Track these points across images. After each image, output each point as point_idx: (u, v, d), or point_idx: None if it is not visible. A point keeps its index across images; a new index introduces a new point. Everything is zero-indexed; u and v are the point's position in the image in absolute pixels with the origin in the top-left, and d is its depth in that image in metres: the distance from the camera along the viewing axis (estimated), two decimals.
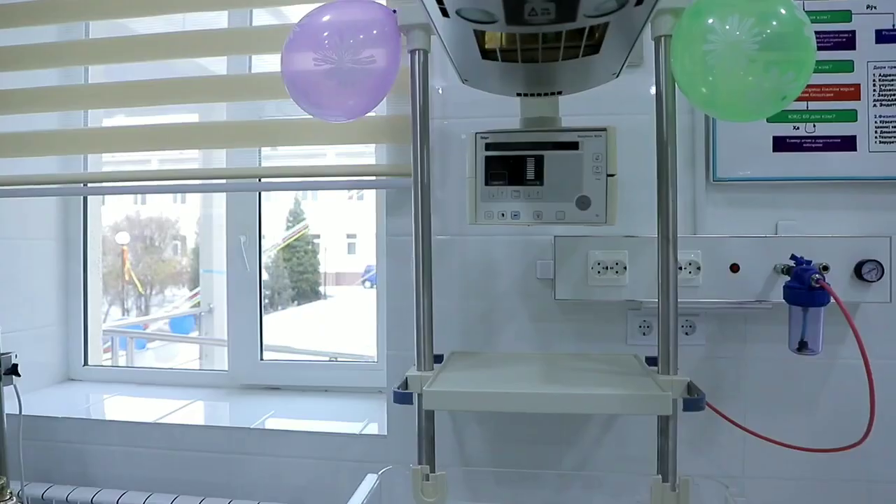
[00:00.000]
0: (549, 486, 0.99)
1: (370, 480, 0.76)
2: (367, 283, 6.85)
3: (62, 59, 1.33)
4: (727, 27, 0.70)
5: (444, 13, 0.54)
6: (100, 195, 1.52)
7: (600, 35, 0.60)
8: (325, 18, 0.84)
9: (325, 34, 0.83)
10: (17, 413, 1.06)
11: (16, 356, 1.02)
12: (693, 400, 0.75)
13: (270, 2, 1.22)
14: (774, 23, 0.70)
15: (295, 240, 5.98)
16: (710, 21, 0.71)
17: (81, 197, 1.48)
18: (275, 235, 4.74)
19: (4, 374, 1.00)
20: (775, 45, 0.69)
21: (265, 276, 3.14)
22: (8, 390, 1.03)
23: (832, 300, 0.85)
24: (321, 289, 6.81)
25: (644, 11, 0.57)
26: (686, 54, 0.73)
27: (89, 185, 1.35)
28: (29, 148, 1.29)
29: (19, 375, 1.02)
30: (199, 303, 3.90)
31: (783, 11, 0.70)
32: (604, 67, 0.72)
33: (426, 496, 0.76)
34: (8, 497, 0.98)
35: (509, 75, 0.72)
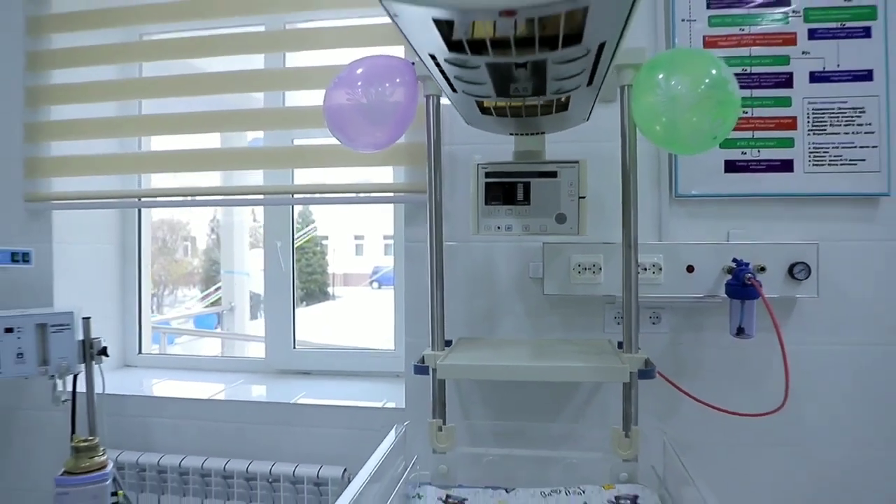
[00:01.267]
0: (538, 440, 1.24)
1: (396, 431, 1.02)
2: (375, 284, 7.12)
3: (121, 93, 1.61)
4: (672, 82, 0.95)
5: (453, 89, 0.80)
6: (152, 207, 1.79)
7: (567, 100, 0.85)
8: (359, 71, 1.09)
9: (359, 82, 1.08)
10: (100, 391, 1.33)
11: (104, 340, 1.29)
12: (645, 371, 1.01)
13: (304, 47, 1.48)
14: (707, 80, 0.94)
15: (304, 242, 6.24)
16: (660, 76, 0.96)
17: (136, 209, 1.75)
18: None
19: (97, 354, 1.27)
20: (707, 98, 0.94)
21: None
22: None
23: (760, 296, 1.10)
24: (329, 289, 7.07)
25: (595, 88, 0.82)
26: (642, 101, 0.98)
27: (143, 199, 1.63)
28: (93, 168, 1.56)
29: (108, 356, 1.29)
30: (213, 301, 4.18)
31: (714, 72, 0.95)
32: (575, 117, 0.97)
33: (440, 443, 1.02)
34: (102, 453, 1.24)
35: (502, 123, 0.98)
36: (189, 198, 1.60)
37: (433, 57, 0.65)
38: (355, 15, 1.46)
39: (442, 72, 0.71)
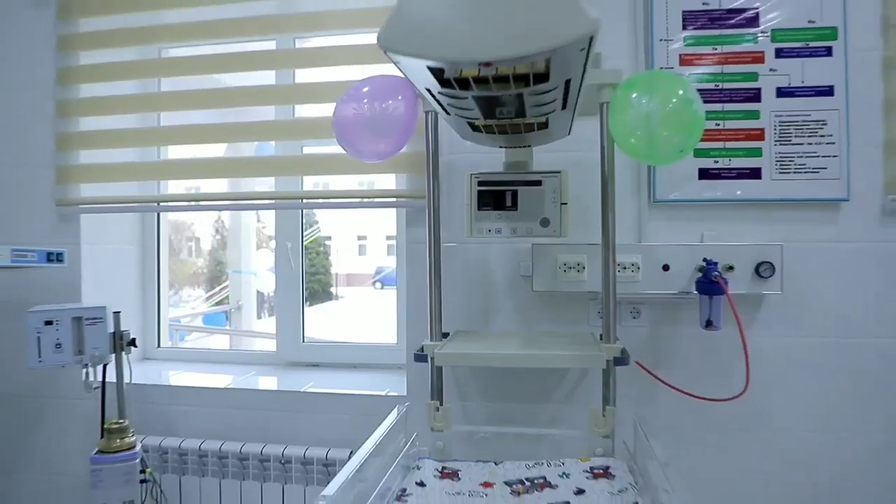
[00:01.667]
0: (527, 422, 1.37)
1: (397, 411, 1.16)
2: (378, 285, 7.26)
3: (142, 106, 1.76)
4: (643, 101, 1.09)
5: (447, 112, 0.94)
6: (171, 211, 1.93)
7: (546, 120, 0.99)
8: (365, 89, 1.23)
9: (365, 99, 1.23)
10: (127, 380, 1.47)
11: (131, 333, 1.43)
12: (620, 358, 1.15)
13: (311, 64, 1.62)
14: (674, 100, 1.08)
15: (308, 243, 6.39)
16: (634, 96, 1.10)
17: (155, 213, 1.90)
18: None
19: (126, 345, 1.42)
20: (673, 115, 1.08)
21: (272, 280, 3.56)
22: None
23: (728, 292, 1.23)
24: (333, 289, 7.21)
25: (570, 111, 0.96)
26: (618, 117, 1.12)
27: (161, 203, 1.77)
28: (117, 175, 1.70)
29: (136, 347, 1.44)
30: (219, 301, 4.32)
31: (680, 92, 1.09)
32: (556, 132, 1.11)
33: (437, 422, 1.16)
34: (131, 435, 1.39)
35: (492, 138, 1.12)
36: (204, 202, 1.75)
37: (429, 90, 0.79)
38: (360, 32, 1.60)
39: (436, 100, 0.85)
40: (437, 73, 0.70)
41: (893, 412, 1.37)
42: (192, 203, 1.76)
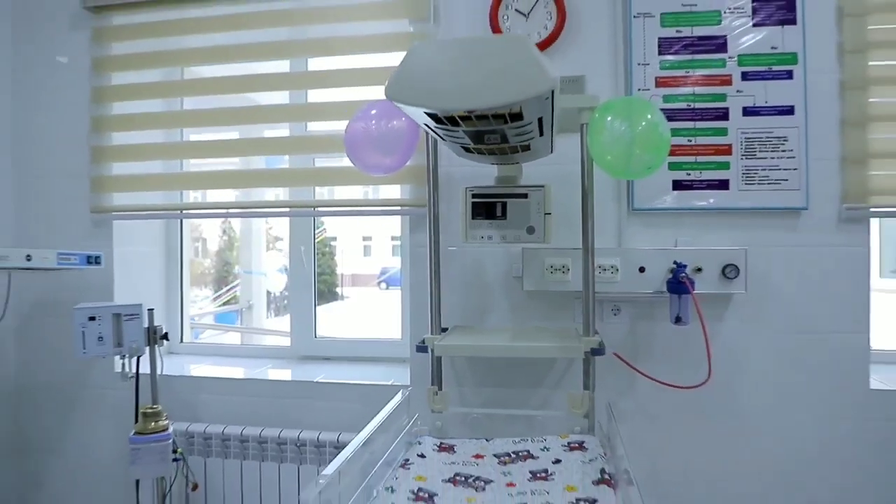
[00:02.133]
0: (518, 406, 1.56)
1: (401, 394, 1.35)
2: (383, 285, 7.45)
3: (167, 122, 1.96)
4: (616, 124, 1.27)
5: (443, 139, 1.13)
6: (192, 218, 2.13)
7: (528, 144, 1.18)
8: (373, 111, 1.43)
9: (373, 121, 1.42)
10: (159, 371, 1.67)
11: (164, 327, 1.63)
12: (597, 349, 1.34)
13: (322, 85, 1.82)
14: (643, 123, 1.26)
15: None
16: (609, 119, 1.29)
17: (179, 219, 2.10)
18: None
19: (159, 339, 1.62)
20: (642, 136, 1.26)
21: (281, 280, 3.81)
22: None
23: (697, 292, 1.42)
24: (338, 290, 7.39)
25: (547, 138, 1.14)
26: (595, 138, 1.31)
27: (184, 210, 1.97)
28: (145, 185, 1.90)
29: (168, 340, 1.64)
30: (226, 301, 4.53)
31: (649, 117, 1.27)
32: (539, 152, 1.30)
33: (435, 405, 1.35)
34: (164, 418, 1.59)
35: (484, 157, 1.31)
36: (224, 210, 1.95)
37: (426, 125, 0.98)
38: (365, 54, 1.78)
39: (433, 131, 1.04)
40: (432, 115, 0.89)
41: (846, 399, 1.55)
42: (213, 210, 1.96)
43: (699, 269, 1.52)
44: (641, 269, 1.55)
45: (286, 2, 1.79)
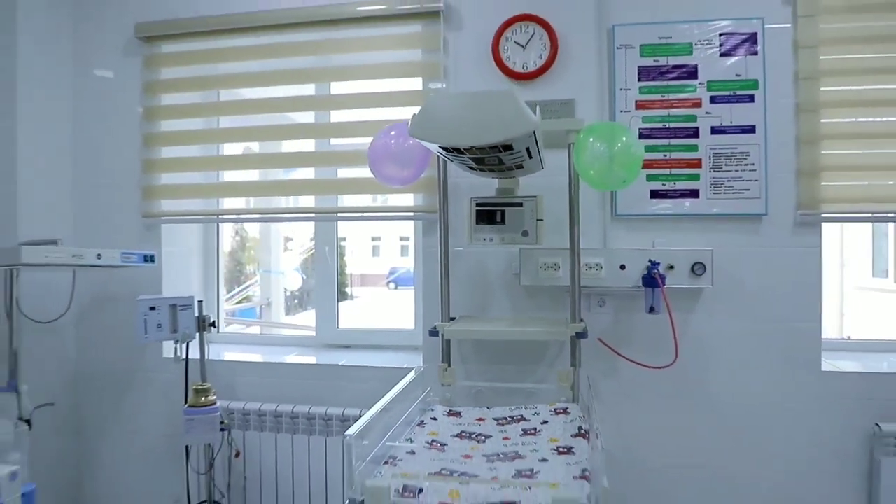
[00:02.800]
0: (515, 381, 1.87)
1: (416, 371, 1.66)
2: (392, 285, 7.76)
3: (207, 138, 2.29)
4: (597, 145, 1.58)
5: (449, 160, 1.45)
6: (227, 222, 2.46)
7: (521, 164, 1.48)
8: (392, 133, 1.74)
9: (392, 140, 1.73)
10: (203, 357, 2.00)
11: (212, 316, 1.96)
12: (581, 333, 1.64)
13: (343, 106, 2.14)
14: (618, 145, 1.57)
15: None
16: (591, 140, 1.59)
17: (216, 223, 2.43)
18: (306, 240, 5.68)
19: (208, 326, 1.94)
20: (618, 155, 1.57)
21: (298, 279, 4.16)
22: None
23: (669, 286, 1.72)
24: (348, 290, 7.71)
25: (536, 160, 1.45)
26: (580, 156, 1.61)
27: (220, 216, 2.30)
28: (187, 193, 2.23)
29: (215, 327, 1.96)
30: (239, 300, 4.87)
31: (624, 139, 1.57)
32: (531, 169, 1.61)
33: (445, 380, 1.67)
34: (212, 394, 1.92)
35: (486, 173, 1.62)
36: (255, 215, 2.28)
37: (439, 152, 1.29)
38: (383, 79, 2.09)
39: (444, 155, 1.35)
40: (441, 146, 1.20)
41: (800, 379, 1.85)
42: (245, 215, 2.29)
43: (671, 267, 1.82)
44: (622, 267, 1.85)
45: (311, 34, 2.10)
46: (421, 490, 1.09)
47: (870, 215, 1.90)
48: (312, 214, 2.23)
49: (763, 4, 1.87)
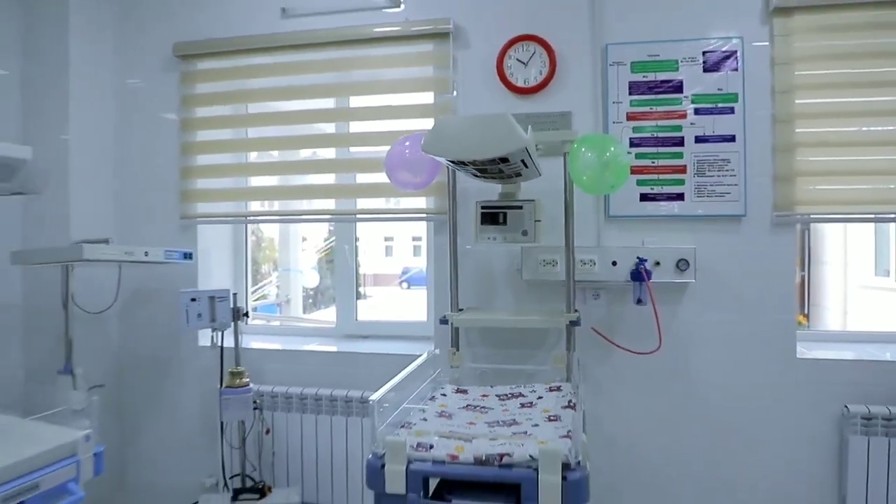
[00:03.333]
0: (520, 360, 2.12)
1: (426, 355, 1.92)
2: (405, 285, 8.03)
3: (237, 147, 2.57)
4: (588, 154, 1.84)
5: (458, 170, 1.71)
6: (254, 223, 2.74)
7: (520, 172, 1.74)
8: (407, 143, 2.01)
9: (407, 150, 2.00)
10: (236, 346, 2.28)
11: (245, 307, 2.23)
12: (574, 321, 1.90)
13: (361, 118, 2.41)
14: (608, 154, 1.83)
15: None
16: (584, 149, 1.85)
17: (244, 224, 2.72)
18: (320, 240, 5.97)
19: (242, 316, 2.22)
20: (609, 163, 1.82)
21: (315, 277, 4.46)
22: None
23: (651, 280, 1.97)
24: (361, 289, 7.98)
25: (533, 169, 1.71)
26: (574, 164, 1.87)
27: (248, 217, 2.58)
28: (219, 197, 2.51)
29: (249, 317, 2.24)
30: (256, 298, 5.18)
31: (612, 149, 1.83)
32: (529, 177, 1.86)
33: (453, 362, 1.93)
34: (246, 377, 2.19)
35: (489, 180, 1.88)
36: (280, 217, 2.56)
37: (448, 164, 1.56)
38: (396, 93, 2.36)
39: (452, 166, 1.62)
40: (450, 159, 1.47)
41: (777, 365, 2.08)
42: (270, 217, 2.57)
43: (658, 263, 2.07)
44: (614, 263, 2.10)
45: (331, 52, 2.37)
46: (432, 445, 1.35)
47: (839, 216, 2.13)
48: (332, 216, 2.51)
49: (742, 25, 2.10)
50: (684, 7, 2.14)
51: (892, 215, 2.13)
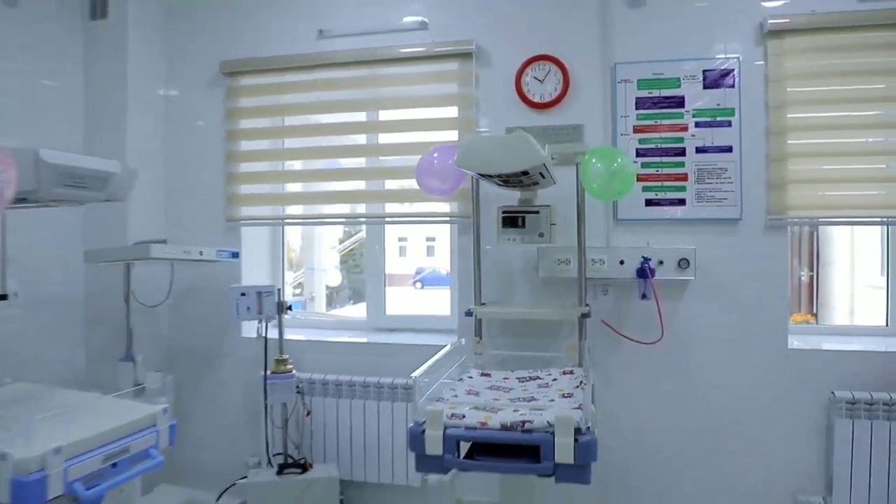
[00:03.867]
0: (537, 348, 2.40)
1: (451, 344, 2.21)
2: (419, 285, 8.34)
3: (276, 156, 2.88)
4: (598, 165, 2.12)
5: (482, 180, 2.00)
6: (291, 225, 3.04)
7: (538, 181, 2.03)
8: (435, 155, 2.30)
9: (435, 161, 2.29)
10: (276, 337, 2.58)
11: (288, 301, 2.54)
12: (585, 314, 2.18)
13: (389, 130, 2.70)
14: (615, 164, 2.11)
15: (356, 246, 7.50)
16: (594, 160, 2.13)
17: (281, 226, 3.02)
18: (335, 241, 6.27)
19: (285, 309, 2.52)
20: (616, 173, 2.10)
21: (337, 276, 4.76)
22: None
23: (654, 277, 2.25)
24: None
25: (549, 179, 1.99)
26: (585, 173, 2.15)
27: (285, 220, 2.88)
28: (260, 201, 2.82)
29: (291, 310, 2.54)
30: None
31: (619, 160, 2.11)
32: (546, 185, 2.14)
33: (477, 350, 2.22)
34: (289, 364, 2.49)
35: (510, 189, 2.17)
36: (314, 219, 2.87)
37: (475, 176, 1.85)
38: (423, 108, 2.65)
39: (478, 178, 1.91)
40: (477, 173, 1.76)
41: (770, 355, 2.35)
42: (305, 220, 2.87)
43: (661, 262, 2.34)
44: (621, 262, 2.38)
45: (363, 70, 2.67)
46: (464, 415, 1.64)
47: (828, 219, 2.39)
48: (366, 219, 2.81)
49: (739, 46, 2.37)
50: (686, 30, 2.41)
51: (877, 219, 2.39)
